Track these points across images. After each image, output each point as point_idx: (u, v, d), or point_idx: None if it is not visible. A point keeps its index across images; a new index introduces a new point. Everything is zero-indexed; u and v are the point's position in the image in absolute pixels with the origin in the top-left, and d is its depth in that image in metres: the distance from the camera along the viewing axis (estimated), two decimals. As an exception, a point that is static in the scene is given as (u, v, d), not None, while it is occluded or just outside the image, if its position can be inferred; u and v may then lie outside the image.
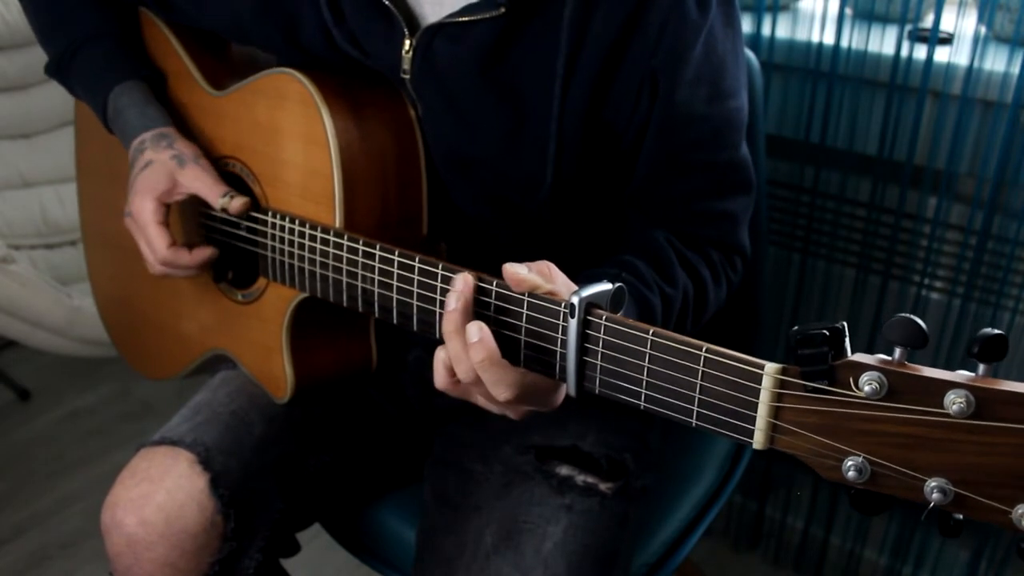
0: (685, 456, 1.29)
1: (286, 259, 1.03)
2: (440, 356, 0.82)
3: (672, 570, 1.19)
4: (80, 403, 2.37)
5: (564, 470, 1.03)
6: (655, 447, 1.13)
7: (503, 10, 0.91)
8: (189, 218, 1.15)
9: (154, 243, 1.07)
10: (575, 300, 0.75)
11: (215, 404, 1.10)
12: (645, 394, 0.75)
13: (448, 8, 0.95)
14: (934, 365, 0.63)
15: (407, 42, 0.98)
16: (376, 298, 0.94)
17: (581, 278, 0.82)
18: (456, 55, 0.96)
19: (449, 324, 0.80)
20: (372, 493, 1.21)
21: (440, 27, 0.96)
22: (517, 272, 0.78)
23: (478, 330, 0.77)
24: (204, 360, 1.21)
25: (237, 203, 1.05)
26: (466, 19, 0.94)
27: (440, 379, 0.83)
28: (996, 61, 1.31)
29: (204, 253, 1.08)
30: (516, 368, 0.79)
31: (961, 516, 0.63)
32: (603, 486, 1.02)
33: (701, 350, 0.70)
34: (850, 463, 0.64)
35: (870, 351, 0.65)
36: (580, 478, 1.02)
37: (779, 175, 1.57)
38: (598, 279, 0.78)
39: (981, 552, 1.59)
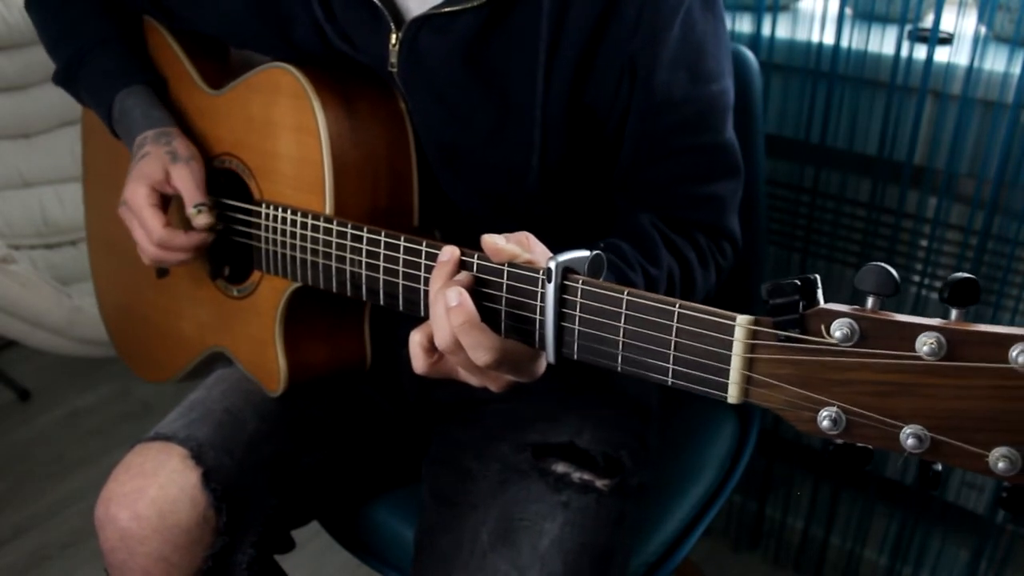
0: (685, 456, 1.29)
1: (278, 249, 1.04)
2: (415, 339, 0.83)
3: (672, 570, 1.19)
4: (80, 403, 2.38)
5: (560, 467, 1.02)
6: (652, 444, 1.13)
7: None
8: (185, 222, 1.16)
9: (148, 224, 1.07)
10: (552, 265, 0.76)
11: (209, 401, 1.11)
12: (622, 355, 0.75)
13: (432, 0, 0.96)
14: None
15: (393, 36, 0.99)
16: (364, 281, 0.95)
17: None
18: (441, 47, 0.97)
19: (433, 288, 0.81)
20: (368, 491, 1.21)
21: (425, 19, 0.97)
22: (495, 242, 0.79)
23: (457, 294, 0.78)
24: (202, 359, 1.21)
25: (202, 219, 1.07)
26: (449, 10, 0.95)
27: (418, 361, 0.84)
28: (996, 61, 1.31)
29: (199, 236, 1.09)
30: (496, 334, 0.80)
31: (939, 467, 0.62)
32: (600, 483, 1.02)
33: (674, 306, 0.71)
34: (825, 414, 0.64)
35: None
36: (577, 475, 1.02)
37: (779, 175, 1.57)
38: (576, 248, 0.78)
39: (981, 552, 1.58)
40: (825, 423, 0.64)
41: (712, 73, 0.98)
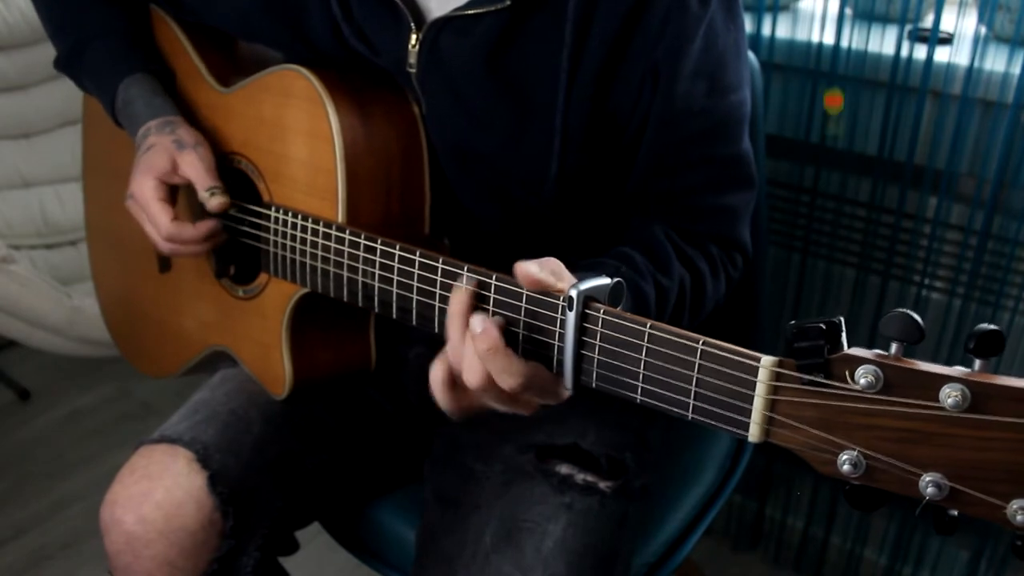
0: (685, 456, 1.29)
1: (288, 254, 1.03)
2: (436, 376, 0.82)
3: (672, 570, 1.19)
4: (80, 403, 2.37)
5: (564, 469, 1.02)
6: (655, 446, 1.13)
7: (508, 3, 0.92)
8: (195, 210, 1.15)
9: (157, 219, 1.06)
10: (573, 293, 0.75)
11: (214, 403, 1.10)
12: (642, 387, 0.75)
13: (454, 2, 0.95)
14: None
15: (413, 36, 0.98)
16: (376, 293, 0.95)
17: (579, 268, 0.82)
18: (462, 49, 0.96)
19: (453, 329, 0.80)
20: (371, 492, 1.21)
21: (446, 21, 0.96)
22: (529, 270, 0.78)
23: (481, 321, 0.78)
24: (203, 357, 1.21)
25: (216, 201, 1.06)
26: (472, 12, 0.94)
27: (443, 398, 0.83)
28: (996, 61, 1.31)
29: (207, 225, 1.07)
30: (521, 359, 0.79)
31: (956, 512, 0.62)
32: (603, 485, 1.02)
33: (698, 343, 0.71)
34: (845, 457, 0.64)
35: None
36: (580, 477, 1.02)
37: (779, 175, 1.57)
38: (596, 273, 0.78)
39: (981, 552, 1.59)
40: (846, 467, 0.64)
41: (731, 84, 0.98)
